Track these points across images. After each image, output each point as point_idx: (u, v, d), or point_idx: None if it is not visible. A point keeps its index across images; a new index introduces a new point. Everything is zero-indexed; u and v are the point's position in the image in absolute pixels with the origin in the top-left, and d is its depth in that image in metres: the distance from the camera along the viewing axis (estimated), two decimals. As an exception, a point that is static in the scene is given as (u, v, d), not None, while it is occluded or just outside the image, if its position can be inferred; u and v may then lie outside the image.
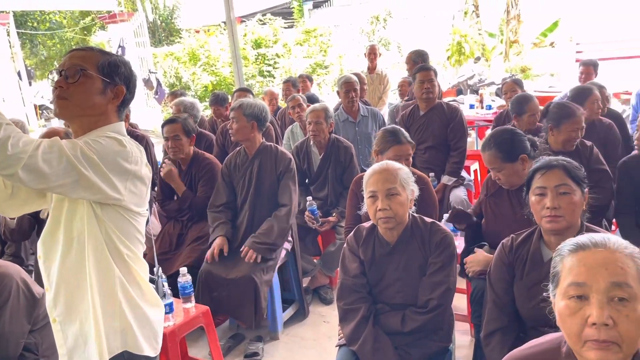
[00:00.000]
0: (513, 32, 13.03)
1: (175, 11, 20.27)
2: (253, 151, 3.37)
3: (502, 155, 2.56)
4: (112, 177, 1.49)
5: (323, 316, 3.63)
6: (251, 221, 3.33)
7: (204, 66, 12.69)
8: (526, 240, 2.02)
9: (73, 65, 1.54)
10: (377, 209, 2.11)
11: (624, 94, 7.59)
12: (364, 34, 16.12)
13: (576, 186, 1.89)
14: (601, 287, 1.14)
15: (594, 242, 1.21)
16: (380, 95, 6.73)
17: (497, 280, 2.03)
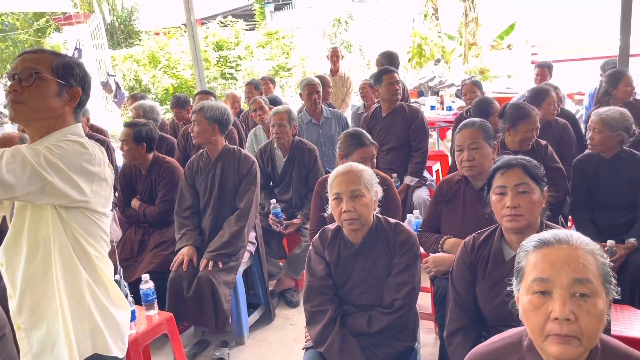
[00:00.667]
0: (471, 34, 13.34)
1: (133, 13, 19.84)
2: (215, 154, 3.33)
3: (484, 134, 2.62)
4: (77, 181, 1.49)
5: (289, 319, 3.61)
6: (214, 225, 3.29)
7: (165, 69, 12.50)
8: (487, 239, 2.03)
9: (27, 68, 1.51)
10: (341, 211, 2.11)
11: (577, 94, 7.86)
12: (326, 36, 16.19)
13: (535, 185, 1.91)
14: (564, 283, 1.17)
15: (557, 238, 1.24)
16: (343, 98, 6.76)
17: (459, 280, 2.04)
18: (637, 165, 2.96)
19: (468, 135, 2.63)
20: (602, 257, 1.22)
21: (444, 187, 2.77)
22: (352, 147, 2.90)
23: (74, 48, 11.54)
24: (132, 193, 3.70)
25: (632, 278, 2.69)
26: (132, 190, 3.71)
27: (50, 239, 1.53)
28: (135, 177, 3.68)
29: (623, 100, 4.10)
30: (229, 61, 13.22)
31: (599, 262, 1.21)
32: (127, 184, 3.71)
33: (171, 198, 3.50)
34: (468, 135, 2.63)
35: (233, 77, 13.13)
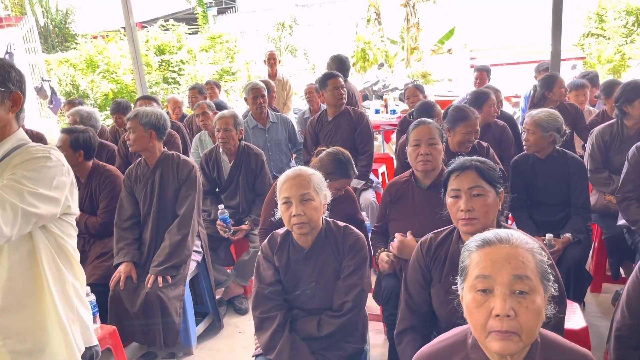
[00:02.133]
0: (413, 39, 13.66)
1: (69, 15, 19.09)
2: (154, 161, 3.23)
3: (438, 132, 2.68)
4: (59, 197, 1.57)
5: (238, 327, 3.56)
6: (156, 236, 3.18)
7: (104, 73, 12.11)
8: (445, 240, 2.02)
9: None
10: (291, 215, 2.10)
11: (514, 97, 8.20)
12: (270, 40, 16.15)
13: (490, 187, 1.89)
14: (505, 280, 1.21)
15: (498, 237, 1.28)
16: (284, 101, 6.75)
17: (412, 281, 2.03)
18: (568, 164, 3.11)
19: (426, 130, 2.68)
20: (540, 255, 1.27)
21: (392, 188, 2.80)
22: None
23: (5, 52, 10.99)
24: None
25: (567, 271, 2.82)
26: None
27: (36, 252, 1.58)
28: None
29: (558, 101, 4.30)
30: (172, 65, 12.95)
31: (538, 259, 1.26)
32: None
33: (113, 208, 3.36)
34: (426, 130, 2.68)
35: (176, 81, 12.86)
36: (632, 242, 3.07)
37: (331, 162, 2.89)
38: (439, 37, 13.61)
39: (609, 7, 13.23)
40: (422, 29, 13.66)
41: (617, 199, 3.08)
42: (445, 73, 13.09)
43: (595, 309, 3.37)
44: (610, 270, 3.54)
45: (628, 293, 1.94)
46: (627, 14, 12.99)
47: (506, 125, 4.01)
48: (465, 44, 13.94)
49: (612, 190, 3.27)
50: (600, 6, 13.35)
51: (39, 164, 1.52)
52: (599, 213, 3.47)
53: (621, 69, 12.58)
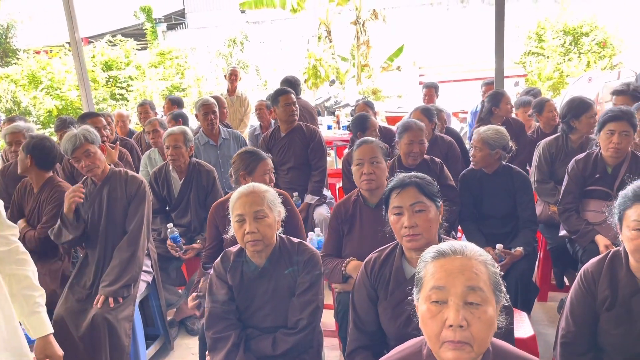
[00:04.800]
0: (363, 56, 13.90)
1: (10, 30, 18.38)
2: (101, 179, 3.13)
3: (381, 151, 2.70)
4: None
5: (190, 348, 3.47)
6: (104, 255, 3.07)
7: (47, 89, 11.70)
8: (388, 258, 2.03)
9: None
10: (245, 232, 2.07)
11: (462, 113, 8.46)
12: (221, 56, 16.07)
13: (430, 202, 1.92)
14: (458, 291, 1.24)
15: (453, 249, 1.31)
16: (241, 118, 6.73)
17: (360, 301, 2.03)
18: (513, 179, 3.23)
19: (368, 149, 2.69)
20: (492, 267, 1.31)
21: (341, 208, 2.78)
22: (254, 162, 2.88)
23: (-61, 67, 10.47)
24: (21, 212, 3.43)
25: (515, 282, 2.90)
26: (20, 208, 3.43)
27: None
28: (27, 194, 3.41)
29: (504, 116, 4.47)
30: (119, 81, 12.66)
31: (490, 271, 1.29)
32: (18, 202, 3.44)
33: (53, 224, 3.23)
34: (368, 149, 2.69)
35: (124, 97, 12.58)
36: (574, 252, 3.20)
37: (244, 158, 2.92)
38: (388, 55, 13.91)
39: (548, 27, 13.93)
40: (372, 47, 13.93)
41: (559, 210, 3.21)
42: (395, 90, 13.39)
43: (542, 317, 3.48)
44: (555, 279, 3.67)
45: (571, 301, 2.02)
46: (564, 33, 13.71)
47: (453, 141, 4.12)
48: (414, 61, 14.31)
49: (557, 200, 3.42)
50: (539, 26, 14.04)
51: None
52: (544, 223, 3.61)
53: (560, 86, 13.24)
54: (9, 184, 3.89)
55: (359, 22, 13.68)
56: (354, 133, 4.20)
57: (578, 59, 13.38)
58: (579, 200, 3.15)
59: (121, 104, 12.25)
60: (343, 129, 7.27)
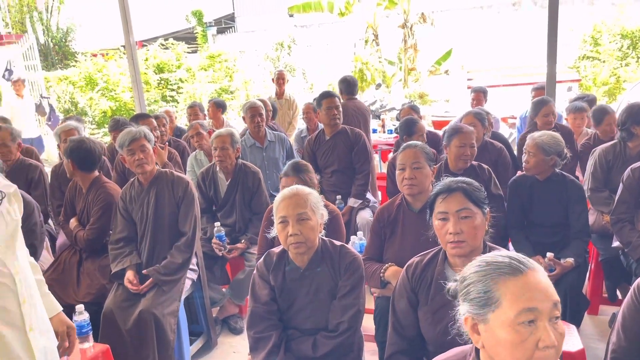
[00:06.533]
0: (411, 60, 13.77)
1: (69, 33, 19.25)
2: (148, 180, 3.23)
3: (425, 155, 2.67)
4: None
5: (233, 346, 3.52)
6: (152, 253, 3.17)
7: (103, 91, 12.15)
8: (430, 262, 2.00)
9: None
10: (288, 234, 2.09)
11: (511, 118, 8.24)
12: (269, 60, 16.28)
13: (477, 209, 1.89)
14: (546, 310, 1.18)
15: (523, 263, 1.23)
16: (290, 120, 6.82)
17: (399, 305, 2.01)
18: (567, 188, 3.12)
19: (411, 154, 2.67)
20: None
21: (384, 212, 2.77)
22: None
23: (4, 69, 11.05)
24: (74, 211, 3.59)
25: (565, 293, 2.81)
26: (74, 207, 3.59)
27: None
28: (77, 194, 3.57)
29: (544, 129, 4.33)
30: (170, 84, 13.02)
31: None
32: (70, 201, 3.61)
33: (100, 226, 3.36)
34: (411, 154, 2.67)
35: (174, 99, 12.92)
36: (627, 264, 3.07)
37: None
38: (436, 58, 13.74)
39: (604, 30, 13.41)
40: (419, 50, 13.79)
41: (612, 220, 3.08)
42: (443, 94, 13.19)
43: (592, 331, 3.35)
44: (607, 292, 3.52)
45: (623, 315, 1.93)
46: (622, 37, 13.17)
47: (503, 148, 4.02)
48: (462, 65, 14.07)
49: (611, 210, 3.29)
50: (595, 29, 13.54)
51: None
52: (596, 234, 3.48)
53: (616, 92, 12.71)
54: (62, 182, 4.08)
55: (407, 25, 13.57)
56: (400, 137, 4.18)
57: (636, 64, 12.82)
58: (634, 211, 3.02)
59: (171, 106, 12.58)
60: (388, 133, 7.22)
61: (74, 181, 3.61)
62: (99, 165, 3.52)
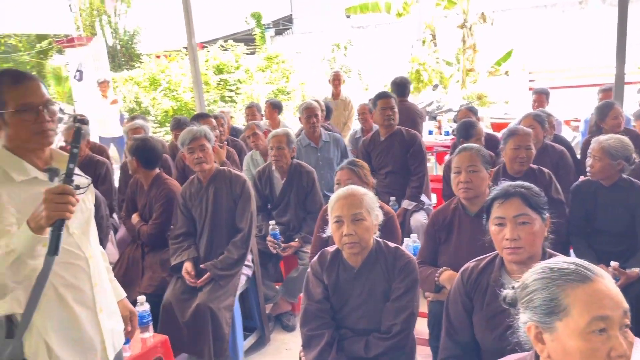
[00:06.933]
0: (469, 60, 13.49)
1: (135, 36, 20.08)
2: (207, 178, 3.33)
3: (482, 158, 2.62)
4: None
5: (285, 343, 3.57)
6: (209, 248, 3.28)
7: (165, 91, 12.58)
8: (486, 268, 1.96)
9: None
10: (342, 234, 2.10)
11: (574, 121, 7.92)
12: (325, 61, 16.36)
13: (536, 215, 1.82)
14: (617, 318, 1.14)
15: (590, 269, 1.19)
16: (345, 121, 6.84)
17: (453, 310, 1.99)
18: (635, 194, 2.97)
19: (466, 157, 2.63)
20: None
21: (439, 215, 2.73)
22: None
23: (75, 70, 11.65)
24: (135, 206, 3.75)
25: (630, 305, 2.67)
26: (135, 203, 3.75)
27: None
28: (138, 191, 3.73)
29: (612, 132, 4.13)
30: (229, 84, 13.32)
31: None
32: (131, 197, 3.78)
33: (162, 221, 3.50)
34: (466, 157, 2.63)
35: (232, 99, 13.20)
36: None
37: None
38: (496, 59, 13.40)
39: (679, 29, 12.64)
40: (478, 51, 13.48)
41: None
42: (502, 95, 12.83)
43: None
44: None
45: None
46: (698, 36, 12.36)
47: (565, 151, 3.87)
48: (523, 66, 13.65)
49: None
50: (669, 28, 12.79)
51: None
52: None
53: (692, 94, 11.94)
54: (128, 178, 4.27)
55: (466, 25, 13.30)
56: (457, 139, 4.11)
57: None
58: None
59: (230, 106, 12.87)
60: (445, 135, 7.11)
61: (135, 178, 3.77)
62: (160, 163, 3.67)
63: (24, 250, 1.46)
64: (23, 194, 1.61)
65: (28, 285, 1.57)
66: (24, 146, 1.65)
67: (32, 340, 1.63)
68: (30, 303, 1.57)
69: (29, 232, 1.45)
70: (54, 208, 1.44)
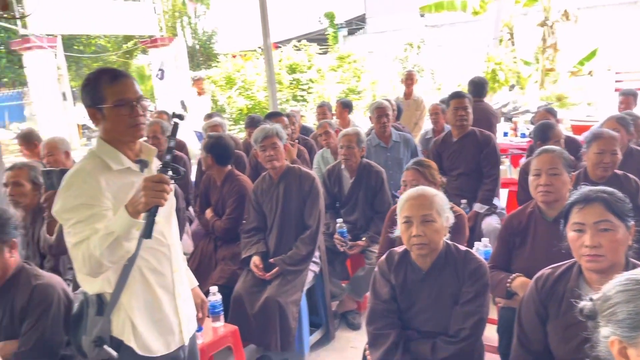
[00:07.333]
0: (549, 60, 12.91)
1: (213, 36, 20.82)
2: (278, 175, 3.41)
3: (564, 161, 2.51)
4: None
5: (350, 341, 3.59)
6: (278, 244, 3.37)
7: (240, 90, 12.95)
8: (563, 276, 1.87)
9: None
10: (411, 235, 2.09)
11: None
12: (398, 60, 16.22)
13: (619, 222, 1.72)
14: None
15: None
16: (416, 121, 6.77)
17: (526, 317, 1.92)
18: None
19: (548, 159, 2.51)
20: None
21: (514, 219, 2.63)
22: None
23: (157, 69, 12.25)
24: (208, 202, 3.90)
25: None
26: (208, 199, 3.90)
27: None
28: (211, 187, 3.88)
29: None
30: (301, 84, 13.50)
31: None
32: (204, 193, 3.94)
33: (236, 216, 3.63)
34: (548, 159, 2.51)
35: (304, 99, 13.38)
36: None
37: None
38: (579, 59, 12.74)
39: None
40: (559, 50, 12.87)
41: None
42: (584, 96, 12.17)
43: None
44: None
45: None
46: None
47: (653, 155, 3.63)
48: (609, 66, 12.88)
49: None
50: None
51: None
52: None
53: None
54: (203, 174, 4.45)
55: (547, 23, 12.73)
56: (534, 141, 3.95)
57: None
58: None
59: (301, 105, 13.06)
60: (521, 137, 6.85)
61: (208, 174, 3.92)
62: (232, 160, 3.81)
63: (121, 233, 1.57)
64: (118, 182, 1.75)
65: (117, 267, 1.71)
66: (119, 138, 1.78)
67: (120, 318, 1.77)
68: (119, 283, 1.73)
69: (126, 216, 1.57)
70: (152, 195, 1.55)
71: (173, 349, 1.89)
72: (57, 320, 2.10)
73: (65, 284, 2.25)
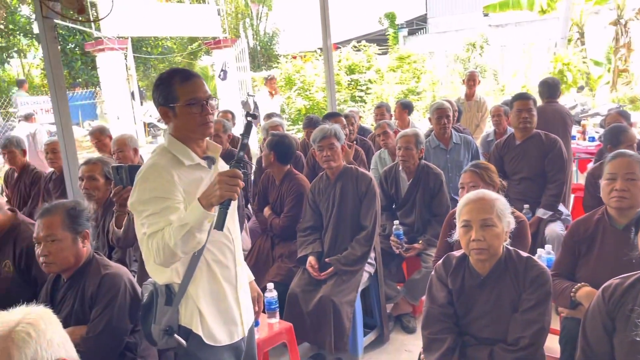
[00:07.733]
0: (622, 60, 12.27)
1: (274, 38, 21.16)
2: (335, 175, 3.43)
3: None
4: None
5: (404, 344, 3.55)
6: (334, 243, 3.38)
7: (299, 91, 13.10)
8: (633, 287, 1.80)
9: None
10: (470, 239, 2.05)
11: None
12: (459, 61, 15.90)
13: None
14: None
15: None
16: (477, 123, 6.62)
17: (592, 329, 1.85)
18: None
19: (625, 163, 2.39)
20: None
21: (580, 226, 2.53)
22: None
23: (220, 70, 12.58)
24: (266, 198, 3.99)
25: None
26: (266, 197, 3.98)
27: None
28: (270, 185, 3.96)
29: None
30: (360, 84, 13.49)
31: None
32: (263, 191, 4.02)
33: (294, 215, 3.68)
34: (625, 163, 2.39)
35: (362, 99, 13.36)
36: None
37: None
38: (655, 59, 12.05)
39: None
40: (634, 50, 12.21)
41: None
42: (661, 99, 11.49)
43: None
44: None
45: None
46: None
47: None
48: (690, 66, 12.11)
49: None
50: None
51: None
52: None
53: None
54: (262, 172, 4.54)
55: (620, 22, 12.11)
56: (604, 145, 3.77)
57: None
58: None
59: (359, 106, 13.05)
60: (589, 141, 6.55)
61: (267, 173, 4.00)
62: (292, 160, 3.87)
63: (194, 224, 1.64)
64: (189, 177, 1.83)
65: (185, 259, 1.79)
66: (189, 135, 1.86)
67: (188, 308, 1.85)
68: (187, 274, 1.81)
69: (200, 209, 1.64)
70: (226, 189, 1.61)
71: (236, 339, 1.96)
72: (123, 308, 2.20)
73: (131, 275, 2.36)
